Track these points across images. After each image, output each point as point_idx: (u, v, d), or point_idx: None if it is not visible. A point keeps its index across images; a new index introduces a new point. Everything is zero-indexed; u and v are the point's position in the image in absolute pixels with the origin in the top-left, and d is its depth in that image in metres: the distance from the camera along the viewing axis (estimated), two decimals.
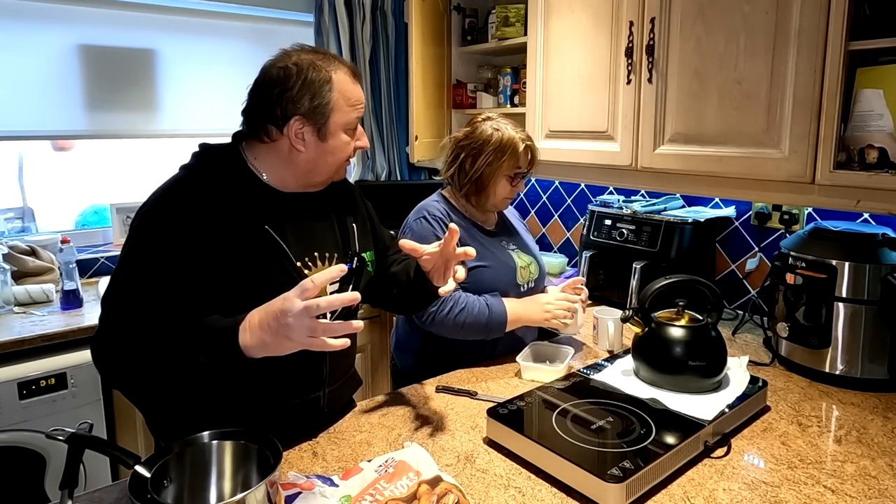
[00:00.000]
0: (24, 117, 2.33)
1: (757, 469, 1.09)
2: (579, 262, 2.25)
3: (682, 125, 1.70)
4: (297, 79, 1.10)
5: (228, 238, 1.08)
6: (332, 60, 1.15)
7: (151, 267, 1.05)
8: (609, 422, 1.15)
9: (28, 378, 1.77)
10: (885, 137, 1.36)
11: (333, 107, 1.12)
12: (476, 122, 1.63)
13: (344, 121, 1.15)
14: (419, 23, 2.70)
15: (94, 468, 1.87)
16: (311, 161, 1.16)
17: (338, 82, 1.13)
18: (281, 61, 1.12)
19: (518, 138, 1.59)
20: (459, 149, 1.62)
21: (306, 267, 1.17)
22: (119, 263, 1.08)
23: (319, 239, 1.22)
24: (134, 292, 1.05)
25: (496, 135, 1.58)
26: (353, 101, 1.16)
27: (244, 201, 1.11)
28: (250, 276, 1.08)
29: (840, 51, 1.35)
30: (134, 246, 1.07)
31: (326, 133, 1.13)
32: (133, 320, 1.04)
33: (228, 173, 1.14)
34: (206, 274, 1.06)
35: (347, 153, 1.20)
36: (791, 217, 1.90)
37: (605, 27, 1.89)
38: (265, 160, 1.17)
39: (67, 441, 0.91)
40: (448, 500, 0.93)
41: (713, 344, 1.31)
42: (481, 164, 1.58)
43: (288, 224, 1.16)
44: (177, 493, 0.92)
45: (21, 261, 2.19)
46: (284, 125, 1.11)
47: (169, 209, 1.08)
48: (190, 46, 2.66)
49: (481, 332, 1.54)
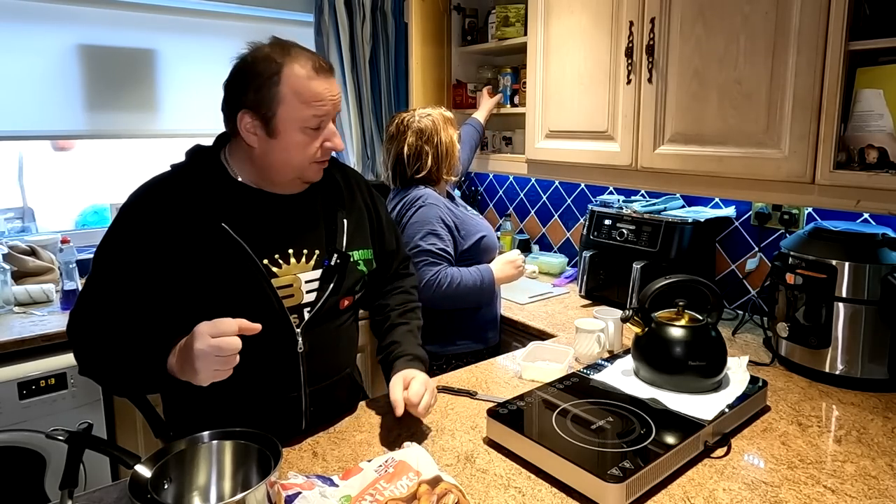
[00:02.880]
0: (24, 117, 2.33)
1: (757, 469, 1.09)
2: (579, 262, 2.24)
3: (682, 125, 1.70)
4: (246, 71, 1.09)
5: (190, 236, 1.09)
6: (291, 53, 1.09)
7: (115, 264, 1.09)
8: (609, 422, 1.15)
9: (28, 378, 1.77)
10: (885, 137, 1.36)
11: (281, 101, 1.07)
12: (402, 117, 1.89)
13: (296, 117, 1.09)
14: (419, 23, 2.70)
15: (94, 468, 1.87)
16: (264, 157, 1.13)
17: (289, 76, 1.07)
18: (244, 54, 1.12)
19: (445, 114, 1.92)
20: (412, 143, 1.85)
21: (275, 264, 1.14)
22: (94, 256, 1.12)
23: (297, 236, 1.19)
24: (98, 286, 1.09)
25: (430, 118, 1.87)
26: (308, 98, 1.08)
27: (210, 199, 1.12)
28: (210, 275, 1.08)
29: (840, 51, 1.35)
30: (105, 240, 1.11)
31: (275, 129, 1.09)
32: (94, 313, 1.08)
33: (203, 172, 1.15)
34: (168, 271, 1.07)
35: (308, 154, 1.13)
36: (791, 217, 1.90)
37: (605, 27, 1.89)
38: (235, 157, 1.17)
39: (67, 441, 0.91)
40: (448, 500, 0.93)
41: (713, 344, 1.31)
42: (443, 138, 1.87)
43: (256, 221, 1.14)
44: (177, 493, 0.92)
45: (21, 261, 2.19)
46: (234, 118, 1.10)
47: (140, 206, 1.11)
48: (190, 46, 2.66)
49: (478, 294, 1.80)
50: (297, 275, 1.17)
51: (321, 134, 1.14)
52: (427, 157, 1.83)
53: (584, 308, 2.14)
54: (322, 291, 1.19)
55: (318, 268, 1.19)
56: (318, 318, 1.19)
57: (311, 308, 1.18)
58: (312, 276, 1.18)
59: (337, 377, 1.27)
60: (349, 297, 1.26)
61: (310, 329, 1.18)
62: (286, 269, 1.16)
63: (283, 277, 1.15)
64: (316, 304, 1.18)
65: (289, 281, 1.15)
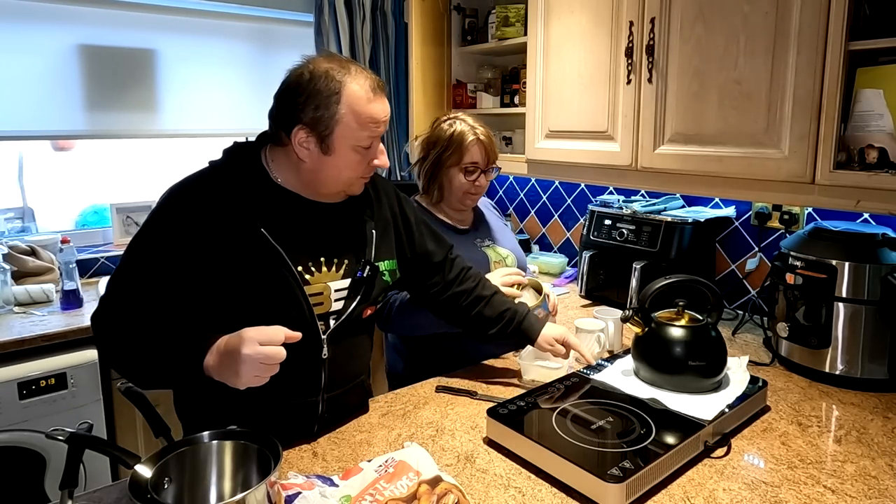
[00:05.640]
0: (24, 117, 2.33)
1: (757, 469, 1.09)
2: (579, 262, 2.25)
3: (682, 125, 1.70)
4: (306, 87, 1.08)
5: (227, 237, 1.08)
6: (350, 72, 1.09)
7: (149, 259, 1.08)
8: (609, 422, 1.15)
9: (28, 378, 1.77)
10: (885, 137, 1.36)
11: (339, 121, 1.08)
12: (438, 120, 1.70)
13: (352, 138, 1.10)
14: (419, 23, 2.70)
15: (94, 468, 1.87)
16: (314, 172, 1.14)
17: (349, 96, 1.08)
18: (300, 67, 1.11)
19: (469, 131, 1.63)
20: (420, 148, 1.70)
21: (308, 272, 1.15)
22: (126, 248, 1.11)
23: (330, 244, 1.20)
24: (129, 279, 1.09)
25: (449, 129, 1.64)
26: (366, 120, 1.09)
27: (250, 202, 1.12)
28: (245, 278, 1.09)
29: (840, 51, 1.35)
30: (141, 234, 1.10)
31: (330, 147, 1.10)
32: (124, 306, 1.08)
33: (243, 173, 1.15)
34: (202, 270, 1.07)
35: (357, 171, 1.16)
36: (791, 217, 1.90)
37: (605, 27, 1.89)
38: (279, 163, 1.17)
39: (67, 441, 0.91)
40: (448, 500, 0.93)
41: (713, 344, 1.31)
42: (432, 156, 1.65)
43: (294, 228, 1.15)
44: (177, 493, 0.92)
45: (21, 261, 2.19)
46: (290, 132, 1.10)
47: (178, 203, 1.10)
48: (190, 46, 2.66)
49: (430, 321, 1.50)
50: (328, 283, 1.18)
51: (371, 152, 1.15)
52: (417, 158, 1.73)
53: (584, 308, 2.14)
54: (350, 300, 1.20)
55: (347, 277, 1.20)
56: (343, 326, 1.20)
57: (337, 316, 1.19)
58: (342, 285, 1.19)
59: (352, 384, 1.28)
60: (372, 307, 1.27)
61: (334, 336, 1.19)
62: (318, 277, 1.16)
63: (314, 285, 1.16)
64: (343, 313, 1.19)
65: (320, 289, 1.16)
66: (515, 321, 1.44)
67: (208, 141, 2.79)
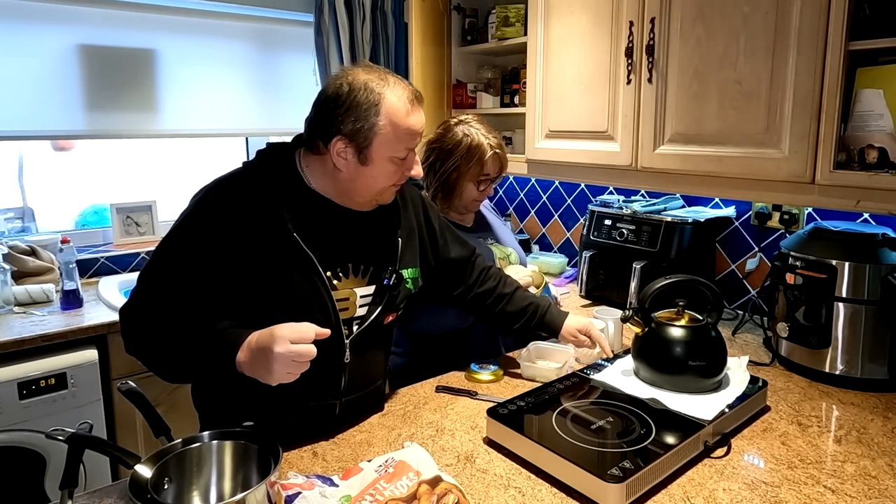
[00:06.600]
0: (24, 117, 2.33)
1: (757, 469, 1.09)
2: (579, 262, 2.25)
3: (682, 125, 1.70)
4: (345, 98, 1.08)
5: (259, 239, 1.10)
6: (388, 83, 1.10)
7: (181, 257, 1.09)
8: (609, 422, 1.15)
9: (28, 378, 1.77)
10: (885, 137, 1.36)
11: (378, 132, 1.09)
12: (449, 124, 1.66)
13: (390, 149, 1.11)
14: (419, 23, 2.70)
15: (94, 468, 1.87)
16: (350, 181, 1.15)
17: (388, 108, 1.09)
18: (339, 78, 1.11)
19: (486, 144, 1.61)
20: (430, 151, 1.66)
21: (336, 277, 1.17)
22: (158, 245, 1.12)
23: (358, 251, 1.21)
24: (161, 274, 1.10)
25: (465, 140, 1.60)
26: (404, 132, 1.11)
27: (283, 205, 1.12)
28: (275, 281, 1.10)
29: (840, 51, 1.35)
30: (174, 230, 1.12)
31: (368, 157, 1.11)
32: (155, 303, 1.09)
33: (277, 176, 1.15)
34: (233, 271, 1.08)
35: (392, 181, 1.17)
36: (791, 217, 1.90)
37: (605, 27, 1.89)
38: (314, 169, 1.18)
39: (67, 441, 0.91)
40: (448, 500, 0.93)
41: (713, 344, 1.31)
42: (449, 166, 1.61)
43: (325, 233, 1.16)
44: (177, 493, 0.92)
45: (21, 261, 2.19)
46: (328, 142, 1.11)
47: (211, 202, 1.12)
48: (190, 46, 2.66)
49: (456, 316, 1.56)
50: (354, 289, 1.19)
51: (407, 162, 1.17)
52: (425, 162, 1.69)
53: (585, 308, 2.14)
54: (374, 307, 1.22)
55: (372, 283, 1.22)
56: (366, 331, 1.21)
57: (360, 322, 1.20)
58: (367, 292, 1.21)
59: (370, 388, 1.29)
60: (394, 314, 1.28)
61: (356, 342, 1.20)
62: (344, 283, 1.18)
63: (341, 291, 1.17)
64: (367, 319, 1.20)
65: (346, 295, 1.18)
66: (538, 315, 1.49)
67: (208, 141, 2.78)
